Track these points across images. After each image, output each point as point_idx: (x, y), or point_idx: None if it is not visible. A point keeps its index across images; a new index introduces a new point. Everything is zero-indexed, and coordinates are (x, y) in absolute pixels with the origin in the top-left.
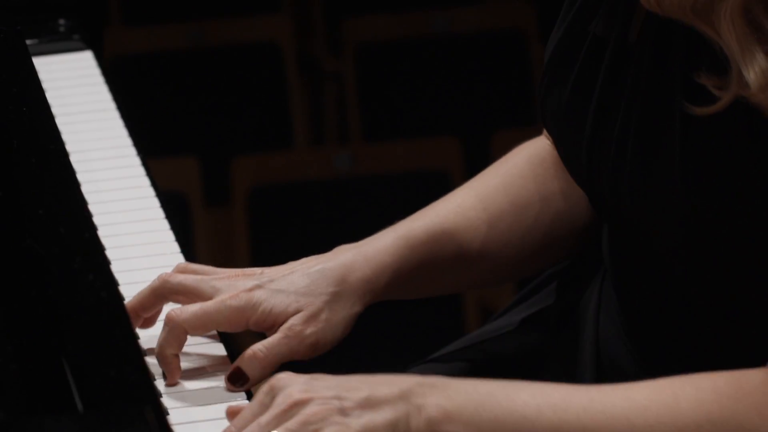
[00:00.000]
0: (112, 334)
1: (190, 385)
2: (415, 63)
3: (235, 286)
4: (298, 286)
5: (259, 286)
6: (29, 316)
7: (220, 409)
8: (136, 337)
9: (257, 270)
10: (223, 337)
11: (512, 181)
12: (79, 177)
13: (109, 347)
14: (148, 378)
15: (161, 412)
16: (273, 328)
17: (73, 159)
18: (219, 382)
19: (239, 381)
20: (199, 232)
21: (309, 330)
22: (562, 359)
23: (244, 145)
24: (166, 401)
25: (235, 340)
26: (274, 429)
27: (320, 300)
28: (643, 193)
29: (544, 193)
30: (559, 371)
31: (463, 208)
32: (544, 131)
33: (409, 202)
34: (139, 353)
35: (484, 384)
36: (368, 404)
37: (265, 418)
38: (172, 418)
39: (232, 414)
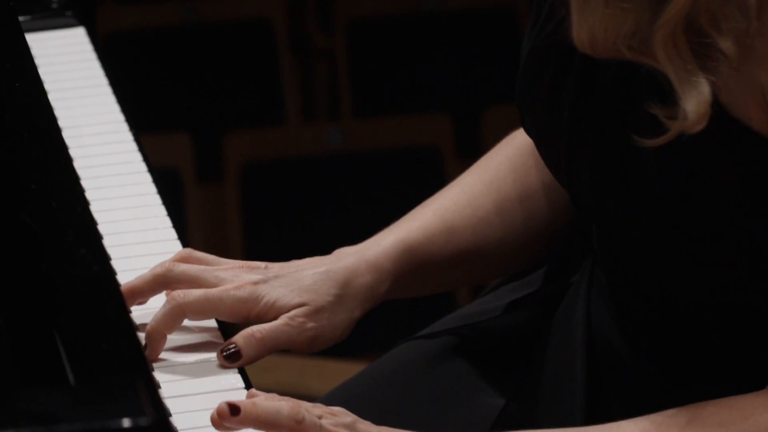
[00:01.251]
0: (104, 307)
1: (181, 358)
2: (406, 40)
3: (239, 277)
4: (303, 285)
5: (263, 280)
6: (22, 290)
7: (212, 382)
8: (128, 311)
9: (261, 264)
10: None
11: (503, 176)
12: (72, 153)
13: (101, 321)
14: (140, 351)
15: (153, 385)
16: (275, 317)
17: (66, 135)
18: (210, 355)
19: (233, 357)
20: (192, 207)
21: (310, 324)
22: (554, 340)
23: (236, 122)
24: (158, 375)
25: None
26: None
27: (323, 299)
28: (622, 199)
29: (538, 186)
30: (550, 351)
31: (458, 205)
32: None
33: (400, 178)
34: (131, 327)
35: None
36: None
37: (325, 426)
38: (164, 391)
39: (221, 414)
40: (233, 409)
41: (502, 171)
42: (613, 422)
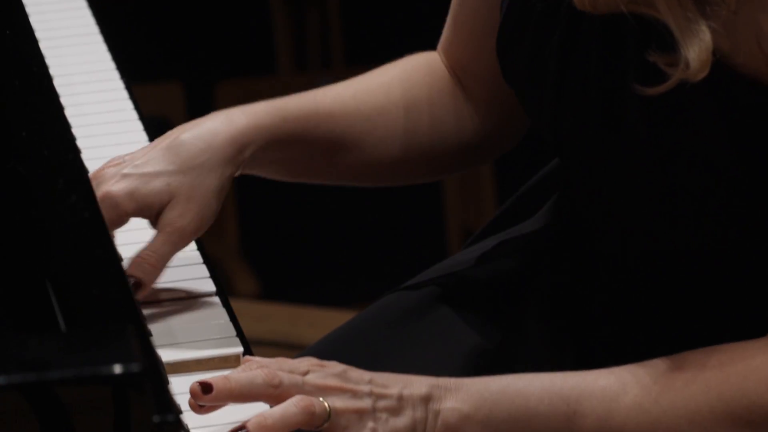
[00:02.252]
0: (94, 254)
1: (171, 306)
2: None
3: (103, 177)
4: (166, 164)
5: (125, 175)
6: (12, 237)
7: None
8: (118, 257)
9: (123, 156)
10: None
11: (396, 83)
12: (63, 101)
13: (91, 267)
14: (131, 297)
15: (144, 332)
16: (152, 215)
17: (57, 83)
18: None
19: (136, 288)
20: None
21: (187, 220)
22: (539, 284)
23: (227, 70)
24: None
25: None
26: (313, 393)
27: (190, 176)
28: (608, 148)
29: (430, 101)
30: (536, 299)
31: (341, 96)
32: (438, 49)
33: None
34: (122, 273)
35: (494, 381)
36: (394, 409)
37: (308, 381)
38: (156, 340)
39: (194, 394)
40: (205, 387)
41: (395, 80)
42: (604, 368)
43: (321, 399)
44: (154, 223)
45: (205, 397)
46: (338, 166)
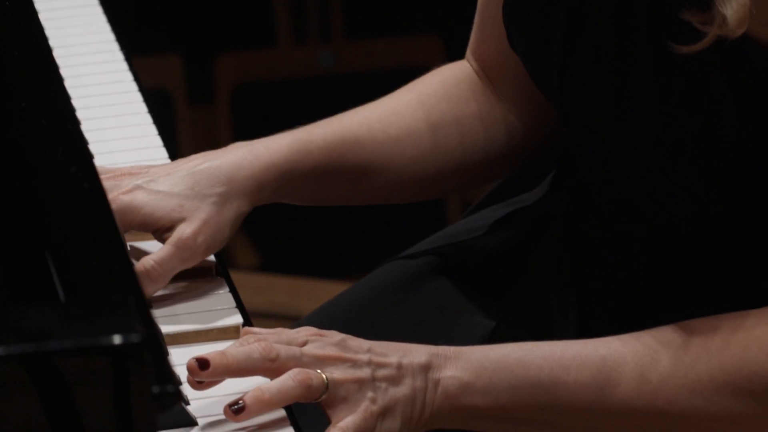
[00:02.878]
0: (94, 224)
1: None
2: None
3: (118, 186)
4: (183, 188)
5: (139, 187)
6: (11, 207)
7: (204, 300)
8: (118, 228)
9: (144, 167)
10: None
11: (425, 99)
12: (63, 72)
13: (91, 238)
14: (131, 269)
15: (144, 303)
16: (158, 231)
17: (57, 54)
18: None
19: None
20: (183, 129)
21: (199, 239)
22: (541, 255)
23: (227, 43)
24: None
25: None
26: (311, 365)
27: (206, 203)
28: (617, 118)
29: (458, 115)
30: (536, 270)
31: (369, 120)
32: (467, 54)
33: None
34: (122, 244)
35: (494, 350)
36: (393, 378)
37: (306, 352)
38: (155, 311)
39: (191, 371)
40: (202, 363)
41: (422, 96)
42: (604, 337)
43: (319, 371)
44: (161, 238)
45: (203, 374)
46: (365, 190)
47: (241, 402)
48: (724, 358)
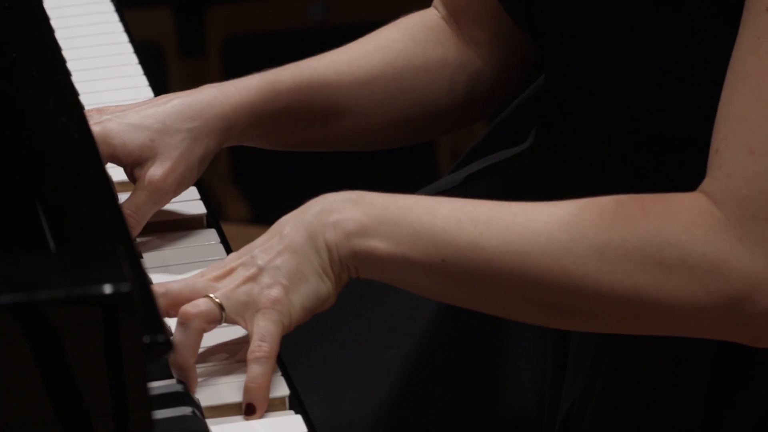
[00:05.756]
0: (85, 175)
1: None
2: None
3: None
4: (153, 121)
5: (109, 120)
6: (1, 157)
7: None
8: (109, 179)
9: (112, 107)
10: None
11: (392, 44)
12: (53, 23)
13: (82, 188)
14: (122, 219)
15: (134, 252)
16: (127, 166)
17: (47, 5)
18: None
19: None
20: (174, 81)
21: (169, 180)
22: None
23: None
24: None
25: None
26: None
27: (176, 139)
28: (591, 30)
29: (424, 59)
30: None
31: (337, 63)
32: (434, 1)
33: None
34: (113, 195)
35: (402, 198)
36: (282, 251)
37: (198, 280)
38: (146, 261)
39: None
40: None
41: (389, 40)
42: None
43: (209, 295)
44: (130, 174)
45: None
46: (335, 134)
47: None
48: (639, 224)
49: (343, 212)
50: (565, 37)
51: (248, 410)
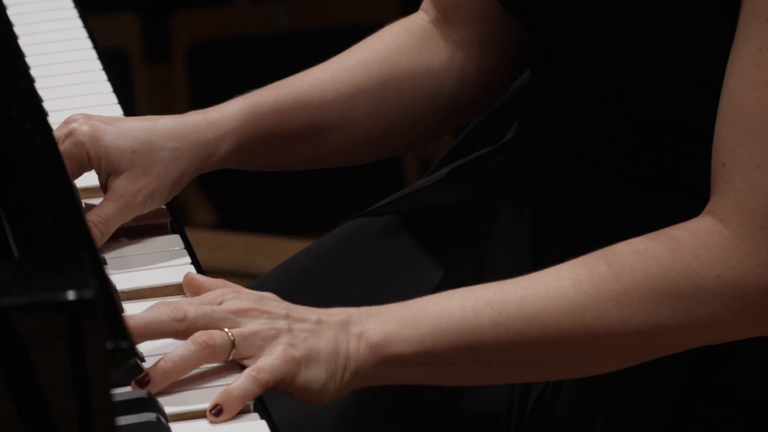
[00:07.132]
0: (48, 181)
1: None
2: None
3: (68, 118)
4: (140, 132)
5: (99, 121)
6: None
7: (159, 256)
8: (72, 185)
9: (98, 115)
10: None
11: (375, 56)
12: (17, 30)
13: (45, 195)
14: (85, 226)
15: (98, 259)
16: (102, 172)
17: (11, 12)
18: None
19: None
20: (140, 87)
21: (140, 196)
22: (498, 206)
23: (183, 1)
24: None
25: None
26: (224, 320)
27: (157, 155)
28: (588, 14)
29: (408, 66)
30: (495, 219)
31: (320, 80)
32: (424, 3)
33: None
34: (76, 201)
35: (414, 302)
36: (313, 331)
37: (217, 309)
38: (110, 267)
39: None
40: None
41: (372, 53)
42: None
43: (226, 330)
44: (103, 181)
45: None
46: (322, 151)
47: (147, 377)
48: (648, 265)
49: (366, 324)
50: (559, 28)
51: (216, 411)
